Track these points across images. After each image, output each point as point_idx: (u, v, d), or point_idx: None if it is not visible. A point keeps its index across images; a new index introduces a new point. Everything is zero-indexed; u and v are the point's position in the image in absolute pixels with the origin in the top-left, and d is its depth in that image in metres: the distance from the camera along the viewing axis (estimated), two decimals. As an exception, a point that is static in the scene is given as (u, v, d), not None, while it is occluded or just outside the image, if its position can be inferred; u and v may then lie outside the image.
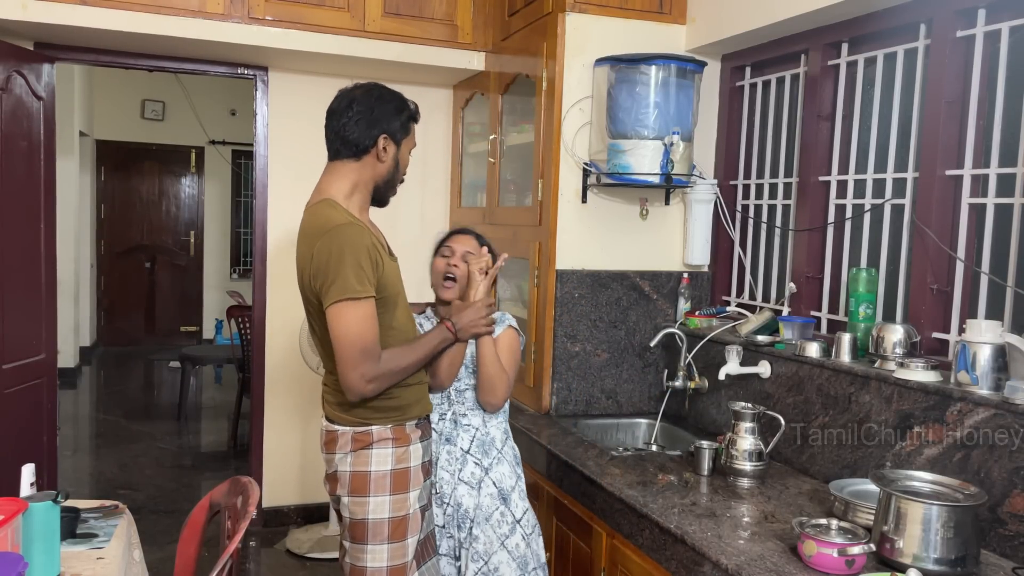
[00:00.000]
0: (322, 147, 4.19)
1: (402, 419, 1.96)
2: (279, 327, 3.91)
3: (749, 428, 2.23)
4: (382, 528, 1.91)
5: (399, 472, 1.93)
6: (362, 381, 1.84)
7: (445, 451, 2.14)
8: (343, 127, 1.95)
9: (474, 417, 2.17)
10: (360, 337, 1.82)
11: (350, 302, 1.81)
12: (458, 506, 2.11)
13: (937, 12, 2.17)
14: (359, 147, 1.95)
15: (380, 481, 1.91)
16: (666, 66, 2.65)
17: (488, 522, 2.09)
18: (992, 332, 1.85)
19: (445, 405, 2.18)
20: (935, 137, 2.18)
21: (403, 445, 1.94)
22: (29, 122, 3.34)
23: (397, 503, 1.92)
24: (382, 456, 1.92)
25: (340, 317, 1.82)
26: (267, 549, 3.78)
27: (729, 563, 1.69)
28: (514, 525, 2.11)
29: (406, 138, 2.02)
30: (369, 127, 1.94)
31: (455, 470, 2.13)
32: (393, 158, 2.00)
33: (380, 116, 1.95)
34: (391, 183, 2.04)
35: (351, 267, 1.81)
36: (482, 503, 2.10)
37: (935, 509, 1.61)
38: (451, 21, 3.56)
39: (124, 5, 3.12)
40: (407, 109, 2.01)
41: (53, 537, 1.70)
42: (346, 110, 1.96)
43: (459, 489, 2.11)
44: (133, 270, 8.95)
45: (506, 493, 2.13)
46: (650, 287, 2.99)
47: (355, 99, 1.96)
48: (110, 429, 5.80)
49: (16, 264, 3.28)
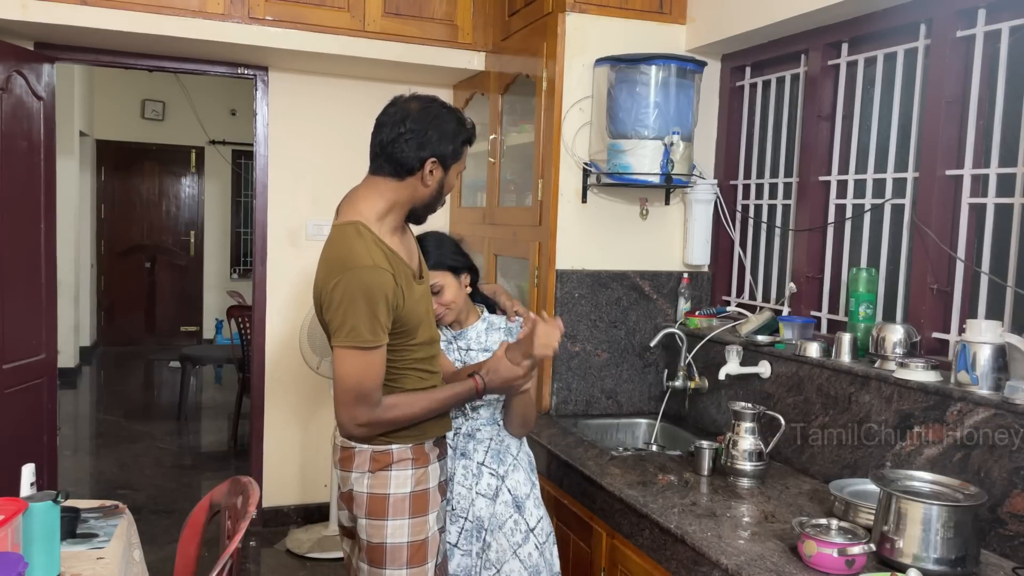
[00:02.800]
0: (323, 147, 4.23)
1: (422, 438, 1.88)
2: (279, 327, 3.91)
3: (749, 428, 2.23)
4: (401, 553, 1.84)
5: (418, 494, 1.86)
6: (352, 424, 1.79)
7: (461, 466, 2.06)
8: (391, 144, 1.80)
9: (488, 430, 2.09)
10: (358, 384, 1.75)
11: (356, 350, 1.73)
12: (476, 519, 2.03)
13: (937, 12, 2.17)
14: (404, 168, 1.81)
15: (399, 504, 1.84)
16: (666, 66, 2.65)
17: (501, 530, 2.02)
18: (992, 332, 1.85)
19: (460, 420, 2.09)
20: (935, 137, 2.18)
21: (422, 466, 1.88)
22: (29, 122, 3.34)
23: (416, 526, 1.85)
24: (402, 478, 1.85)
25: (343, 361, 1.75)
26: (267, 549, 3.78)
27: (729, 563, 1.69)
28: (527, 534, 2.04)
29: (456, 162, 1.87)
30: (419, 148, 1.79)
31: (471, 484, 2.05)
32: (438, 182, 1.85)
33: (433, 138, 1.80)
34: (430, 207, 1.90)
35: (364, 315, 1.72)
36: (497, 511, 2.03)
37: (935, 509, 1.61)
38: (451, 21, 3.56)
39: (124, 5, 3.12)
40: (463, 132, 1.86)
41: (53, 537, 1.70)
42: (397, 125, 1.80)
43: (476, 503, 2.04)
44: (133, 270, 8.95)
45: (520, 501, 2.06)
46: (650, 287, 2.99)
47: (409, 115, 1.80)
48: (110, 429, 5.80)
49: (16, 264, 3.28)
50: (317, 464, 4.05)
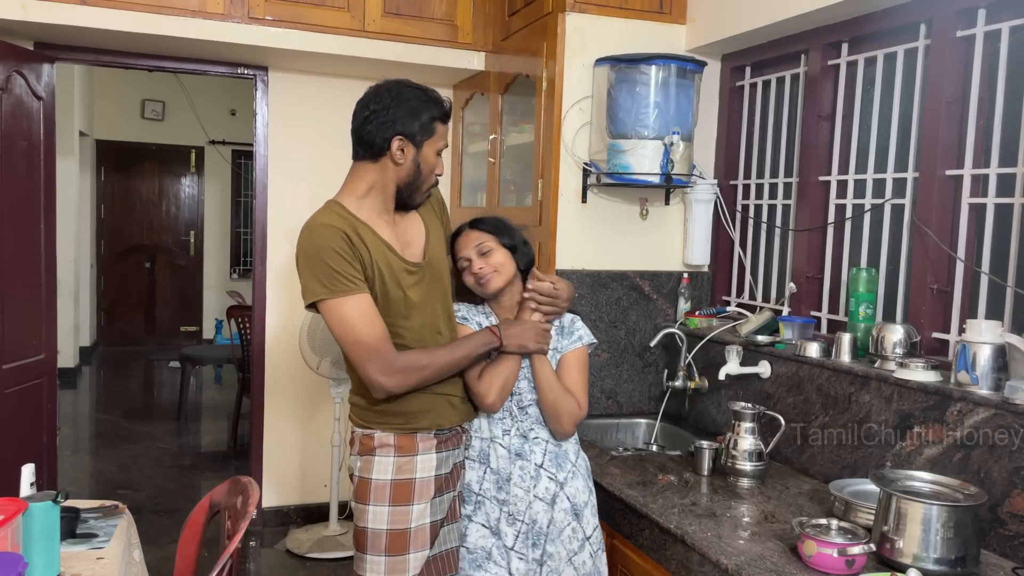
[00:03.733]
0: (322, 147, 4.24)
1: (406, 428, 1.88)
2: (279, 327, 3.91)
3: (749, 428, 2.23)
4: (380, 539, 1.85)
5: (400, 483, 1.86)
6: (380, 376, 1.78)
7: (517, 467, 1.98)
8: (359, 127, 1.87)
9: (542, 431, 2.01)
10: (355, 337, 1.78)
11: (326, 303, 1.78)
12: (532, 523, 1.96)
13: (937, 12, 2.17)
14: (373, 149, 1.86)
15: (380, 490, 1.86)
16: (666, 66, 2.65)
17: (560, 538, 1.97)
18: (992, 332, 1.85)
19: (508, 420, 2.01)
20: (935, 137, 2.18)
21: (407, 455, 1.87)
22: (29, 122, 3.34)
23: (396, 515, 1.85)
24: (383, 464, 1.87)
25: (328, 320, 1.80)
26: (267, 549, 3.78)
27: (729, 563, 1.69)
28: (584, 542, 2.00)
29: (429, 139, 1.88)
30: (384, 128, 1.84)
31: (529, 487, 1.97)
32: (412, 160, 1.87)
33: (396, 117, 1.83)
34: (414, 186, 1.91)
35: (320, 269, 1.77)
36: (556, 518, 1.98)
37: (935, 509, 1.61)
38: (451, 21, 3.56)
39: (124, 5, 3.12)
40: (430, 108, 1.87)
41: (53, 537, 1.70)
42: (362, 109, 1.87)
43: (534, 506, 1.96)
44: (133, 270, 8.95)
45: (579, 509, 2.01)
46: (650, 287, 2.98)
47: (371, 98, 1.87)
48: (110, 429, 5.80)
49: (16, 264, 3.28)
50: (317, 464, 4.05)
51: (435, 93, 1.91)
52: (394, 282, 1.86)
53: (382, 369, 1.78)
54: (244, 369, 5.15)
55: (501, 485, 1.98)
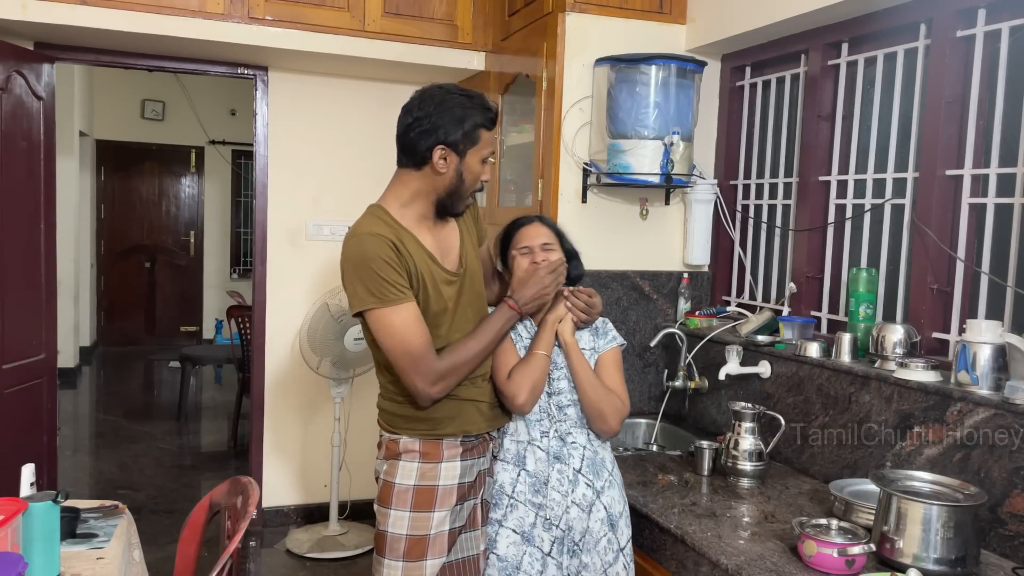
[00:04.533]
0: (322, 147, 4.24)
1: (431, 434, 1.85)
2: (279, 327, 3.91)
3: (749, 428, 2.23)
4: (399, 544, 1.83)
5: (423, 489, 1.84)
6: (427, 386, 1.77)
7: (555, 471, 1.95)
8: (403, 135, 1.83)
9: (579, 435, 1.99)
10: (403, 347, 1.75)
11: (375, 312, 1.75)
12: (568, 529, 1.93)
13: (937, 12, 2.17)
14: (416, 157, 1.81)
15: (402, 495, 1.84)
16: (666, 66, 2.65)
17: (596, 549, 1.95)
18: (992, 332, 1.85)
19: (546, 423, 1.98)
20: (935, 137, 2.18)
21: (431, 461, 1.85)
22: (29, 122, 3.34)
23: (416, 521, 1.83)
24: (407, 469, 1.85)
25: (374, 330, 1.78)
26: (267, 549, 3.78)
27: (729, 563, 1.69)
28: (618, 553, 1.97)
29: (473, 147, 1.82)
30: (426, 137, 1.78)
31: (567, 491, 1.94)
32: (455, 169, 1.82)
33: (438, 125, 1.78)
34: (456, 194, 1.86)
35: (369, 278, 1.74)
36: (592, 528, 1.94)
37: (935, 509, 1.61)
38: (451, 21, 3.56)
39: (124, 5, 3.12)
40: (475, 114, 1.80)
41: (53, 537, 1.70)
42: (405, 116, 1.82)
43: (571, 511, 1.93)
44: (133, 270, 8.95)
45: (615, 519, 1.97)
46: (650, 287, 2.98)
47: (414, 104, 1.81)
48: (110, 429, 5.80)
49: (16, 264, 3.28)
50: (317, 464, 4.05)
51: (481, 99, 1.84)
52: (436, 292, 1.84)
53: (428, 378, 1.77)
54: (244, 369, 5.15)
55: (538, 488, 1.95)
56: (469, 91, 1.85)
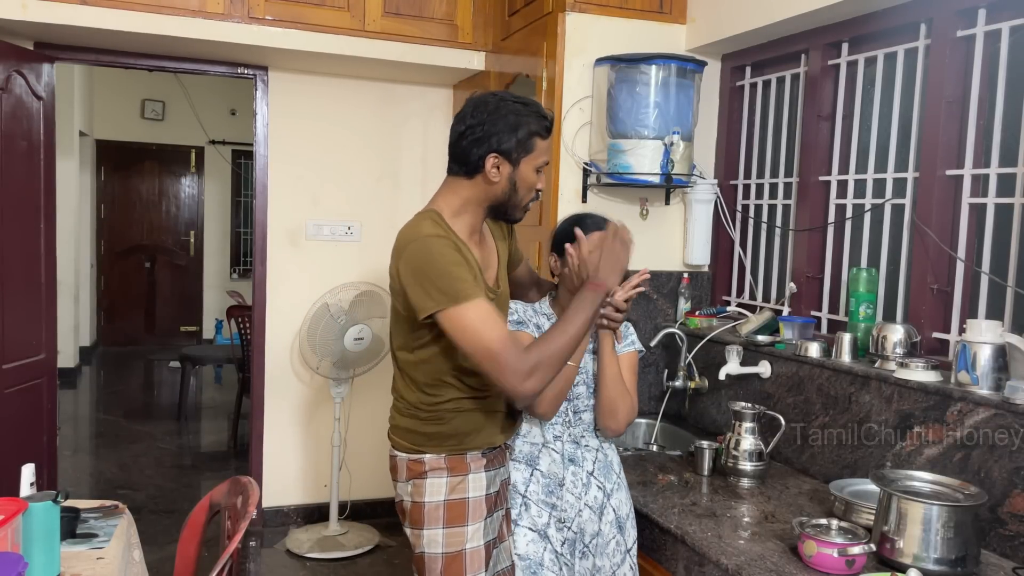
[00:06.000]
0: (322, 147, 4.23)
1: (458, 448, 1.81)
2: (279, 327, 3.91)
3: (749, 428, 2.23)
4: (436, 564, 1.79)
5: (454, 503, 1.80)
6: (517, 381, 1.64)
7: (570, 472, 1.97)
8: (455, 143, 1.78)
9: (591, 438, 2.02)
10: (485, 346, 1.64)
11: (451, 312, 1.65)
12: (580, 532, 1.96)
13: (937, 12, 2.17)
14: (468, 166, 1.76)
15: (433, 513, 1.79)
16: (666, 66, 2.65)
17: (606, 551, 1.97)
18: (992, 332, 1.85)
19: (560, 426, 2.00)
20: (935, 137, 2.18)
21: (460, 474, 1.81)
22: (29, 122, 3.34)
23: (451, 537, 1.79)
24: (436, 486, 1.80)
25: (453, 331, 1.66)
26: (267, 549, 3.78)
27: (729, 563, 1.69)
28: (625, 555, 1.99)
29: (527, 156, 1.76)
30: (478, 146, 1.73)
31: (580, 493, 1.96)
32: (508, 179, 1.77)
33: (491, 132, 1.73)
34: (511, 203, 1.81)
35: (436, 277, 1.66)
36: (602, 530, 1.97)
37: (935, 509, 1.60)
38: (451, 21, 3.56)
39: (124, 5, 3.12)
40: (529, 122, 1.75)
41: (53, 537, 1.70)
42: (458, 124, 1.77)
43: (583, 514, 1.96)
44: (133, 270, 8.95)
45: (622, 521, 1.99)
46: (650, 287, 2.98)
47: (468, 112, 1.77)
48: (110, 429, 5.80)
49: (16, 264, 3.28)
50: (317, 464, 4.05)
51: (537, 106, 1.79)
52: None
53: (518, 375, 1.64)
54: (244, 369, 5.15)
55: (552, 489, 1.96)
56: (524, 98, 1.79)
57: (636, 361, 2.07)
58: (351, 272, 3.93)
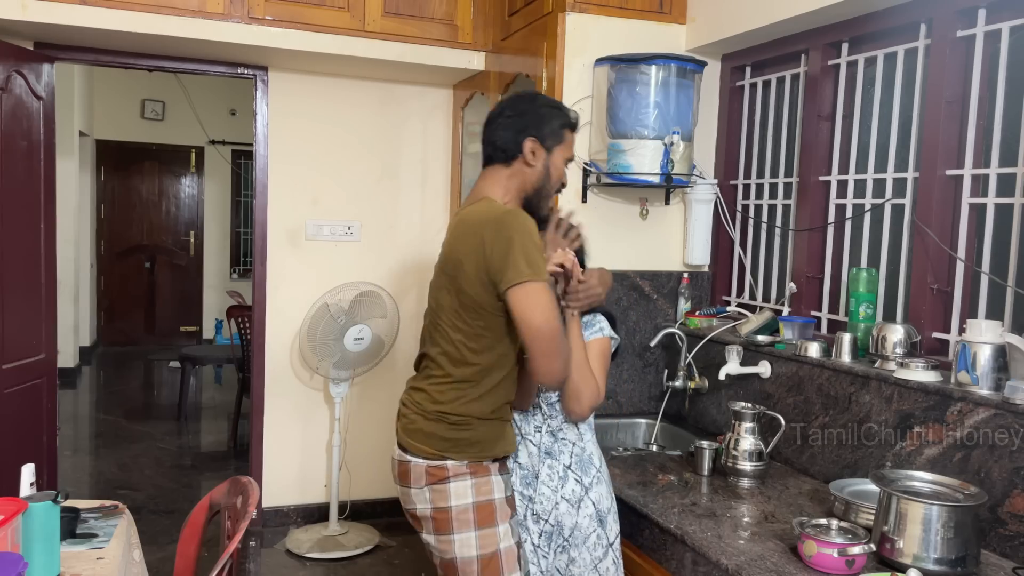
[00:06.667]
0: (322, 147, 4.23)
1: (479, 455, 1.84)
2: (279, 327, 3.91)
3: (749, 428, 2.23)
4: (471, 567, 1.79)
5: (483, 504, 1.81)
6: (562, 365, 1.74)
7: (546, 465, 2.00)
8: (493, 132, 1.91)
9: (569, 431, 2.03)
10: (554, 326, 1.70)
11: (536, 284, 1.70)
12: (558, 524, 1.98)
13: (937, 12, 2.17)
14: (508, 152, 1.90)
15: (463, 516, 1.80)
16: (666, 66, 2.65)
17: (585, 544, 1.98)
18: (992, 332, 1.85)
19: (539, 417, 2.04)
20: (935, 137, 2.18)
21: (483, 476, 1.83)
22: (29, 122, 3.34)
23: (484, 539, 1.80)
24: (461, 489, 1.81)
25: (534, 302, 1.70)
26: (267, 549, 3.78)
27: (729, 563, 1.69)
28: (607, 548, 2.00)
29: (559, 145, 1.93)
30: (518, 131, 1.89)
31: (556, 486, 1.99)
32: (543, 164, 1.91)
33: (529, 119, 1.90)
34: (542, 192, 1.93)
35: (531, 248, 1.72)
36: (580, 523, 1.97)
37: (935, 509, 1.60)
38: (451, 21, 3.56)
39: (124, 5, 3.12)
40: (560, 115, 1.93)
41: (53, 537, 1.70)
42: (497, 116, 1.93)
43: (560, 506, 1.98)
44: (133, 270, 8.95)
45: (603, 515, 2.00)
46: (650, 287, 2.98)
47: (506, 105, 1.94)
48: (110, 429, 5.80)
49: (16, 264, 3.28)
50: (317, 464, 4.05)
51: (564, 106, 1.99)
52: None
53: (562, 358, 1.75)
54: (244, 369, 5.15)
55: (529, 481, 1.99)
56: (553, 99, 2.04)
57: (606, 348, 2.07)
58: (351, 272, 3.93)
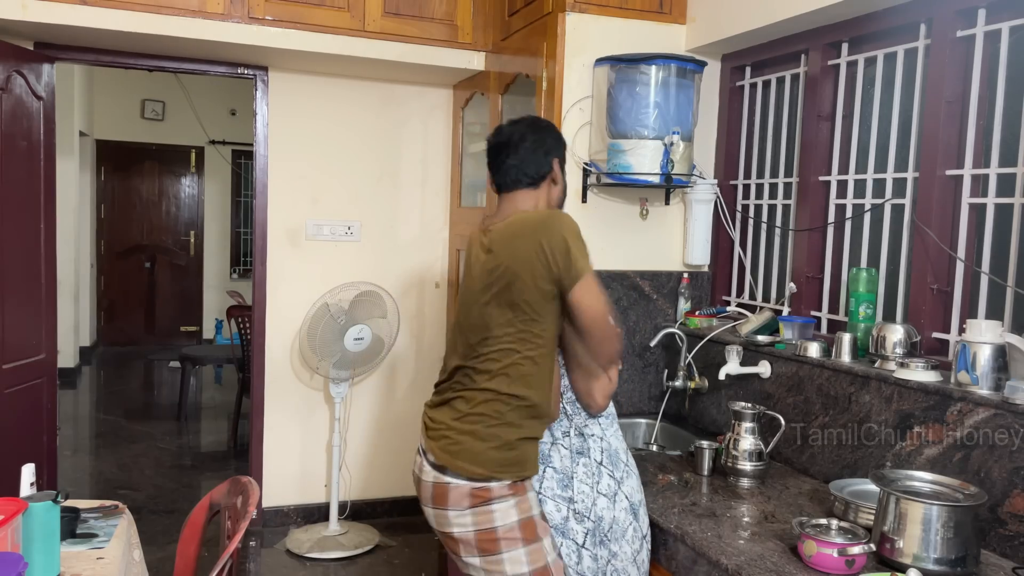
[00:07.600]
0: (323, 147, 4.22)
1: (521, 475, 1.88)
2: (279, 327, 3.91)
3: (749, 428, 2.23)
4: None
5: (526, 522, 1.85)
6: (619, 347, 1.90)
7: (581, 464, 2.01)
8: (523, 160, 2.01)
9: (594, 427, 2.06)
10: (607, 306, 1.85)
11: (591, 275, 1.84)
12: (599, 520, 1.98)
13: (937, 12, 2.17)
14: (539, 175, 2.02)
15: (510, 534, 1.83)
16: (666, 66, 2.65)
17: (624, 537, 1.99)
18: (992, 332, 1.85)
19: (566, 421, 2.05)
20: (935, 137, 2.18)
21: (521, 494, 1.87)
22: (29, 122, 3.34)
23: (533, 554, 1.83)
24: (504, 508, 1.84)
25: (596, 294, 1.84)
26: (267, 549, 3.78)
27: (729, 563, 1.69)
28: (642, 541, 2.01)
29: (565, 163, 2.12)
30: (546, 154, 2.03)
31: (593, 483, 2.00)
32: (563, 180, 2.09)
33: (551, 144, 2.05)
34: (561, 204, 2.12)
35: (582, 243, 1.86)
36: (618, 517, 1.99)
37: (935, 509, 1.61)
38: (451, 21, 3.56)
39: (124, 5, 3.12)
40: (562, 141, 2.11)
41: (53, 537, 1.70)
42: (519, 143, 2.02)
43: (599, 503, 1.99)
44: (133, 270, 8.94)
45: (636, 507, 2.02)
46: (650, 287, 2.98)
47: (525, 134, 2.03)
48: (110, 429, 5.80)
49: (16, 264, 3.28)
50: (317, 464, 4.05)
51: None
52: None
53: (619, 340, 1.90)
54: (244, 369, 5.15)
55: (566, 484, 1.99)
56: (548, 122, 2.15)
57: None
58: (351, 272, 3.93)
